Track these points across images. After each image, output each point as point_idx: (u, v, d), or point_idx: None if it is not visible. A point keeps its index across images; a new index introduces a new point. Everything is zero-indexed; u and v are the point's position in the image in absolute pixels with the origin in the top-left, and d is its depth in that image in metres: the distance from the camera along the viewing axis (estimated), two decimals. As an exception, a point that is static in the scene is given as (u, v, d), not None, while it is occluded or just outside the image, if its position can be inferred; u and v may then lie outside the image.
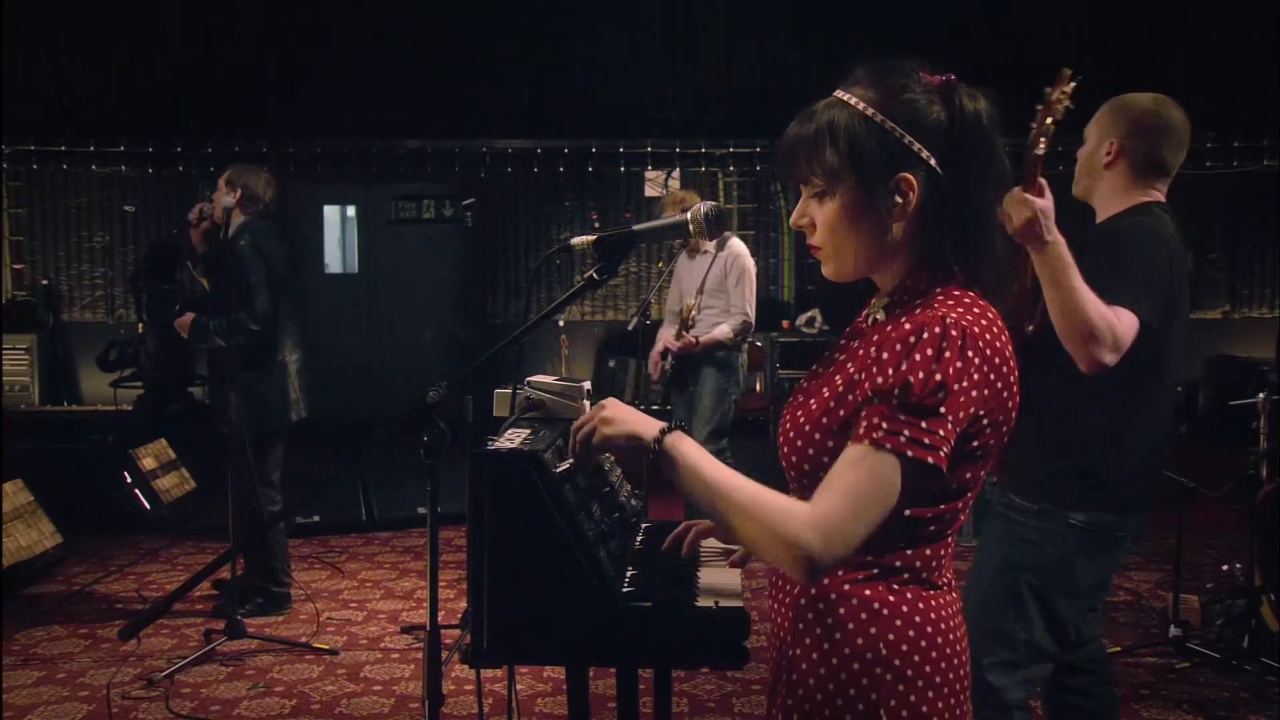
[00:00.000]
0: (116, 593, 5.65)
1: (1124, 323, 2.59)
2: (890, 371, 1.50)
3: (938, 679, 1.58)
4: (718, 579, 2.06)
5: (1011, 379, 1.57)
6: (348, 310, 7.48)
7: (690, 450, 1.61)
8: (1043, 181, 2.52)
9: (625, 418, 1.70)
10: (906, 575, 1.60)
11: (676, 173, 9.69)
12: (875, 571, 1.59)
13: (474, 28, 9.69)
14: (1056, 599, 2.80)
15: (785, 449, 1.66)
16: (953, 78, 1.60)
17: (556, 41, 9.91)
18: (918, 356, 1.49)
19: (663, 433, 1.63)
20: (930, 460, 1.48)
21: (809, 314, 9.21)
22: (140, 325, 8.32)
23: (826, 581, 1.60)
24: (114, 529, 6.65)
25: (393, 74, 9.53)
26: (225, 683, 4.44)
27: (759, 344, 7.44)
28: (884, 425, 1.48)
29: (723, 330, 5.81)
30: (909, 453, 1.47)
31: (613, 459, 2.48)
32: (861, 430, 1.51)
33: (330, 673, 4.55)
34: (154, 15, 9.56)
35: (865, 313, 1.71)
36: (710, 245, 5.86)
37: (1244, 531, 4.61)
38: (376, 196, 7.76)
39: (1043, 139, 2.56)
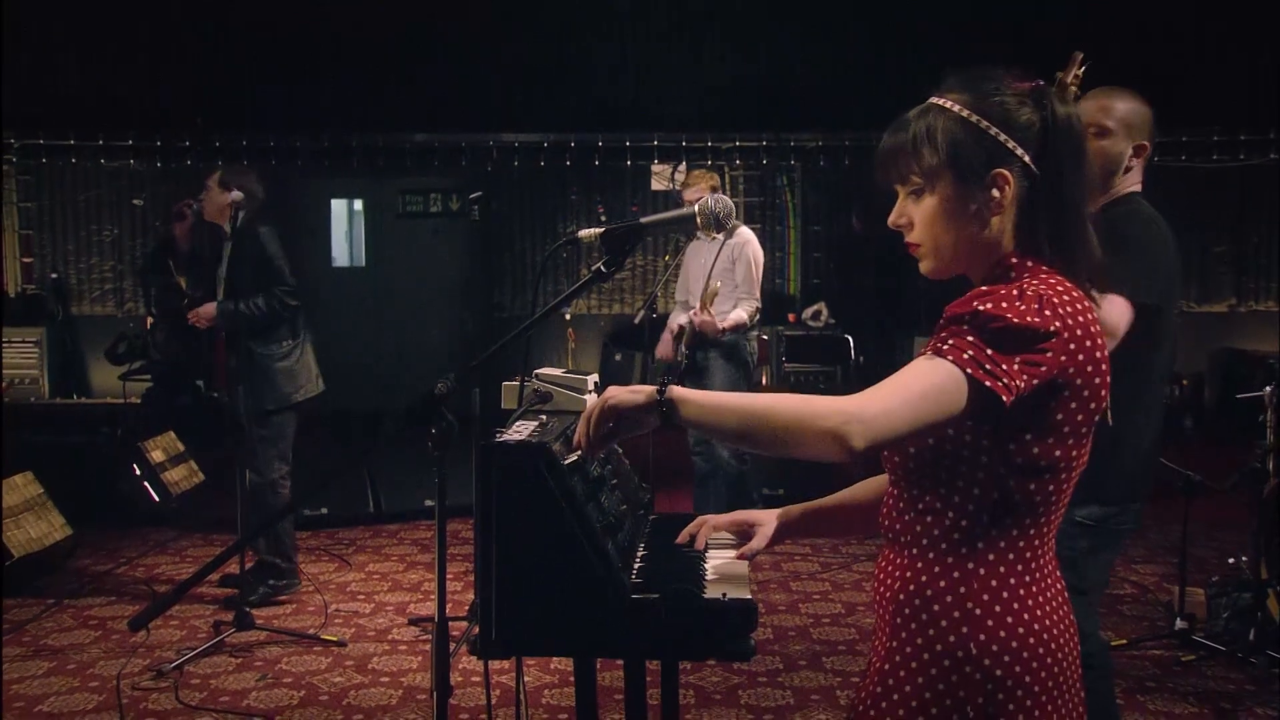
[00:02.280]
0: (126, 584, 5.69)
1: (1115, 308, 2.64)
2: (961, 306, 1.56)
3: (1028, 679, 1.59)
4: (725, 570, 2.08)
5: (1098, 355, 1.58)
6: (355, 303, 7.48)
7: (695, 390, 1.64)
8: None
9: (625, 388, 1.71)
10: (1003, 568, 1.61)
11: (683, 166, 9.69)
12: (970, 566, 1.61)
13: (481, 22, 9.68)
14: None
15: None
16: (1041, 83, 1.67)
17: (563, 35, 9.91)
18: (991, 301, 1.54)
19: (661, 386, 1.65)
20: (989, 384, 1.48)
21: (815, 307, 9.20)
22: (149, 318, 8.35)
23: (924, 579, 1.63)
24: (123, 521, 6.70)
25: (399, 68, 9.53)
26: (234, 674, 4.47)
27: (764, 336, 7.45)
28: (950, 340, 1.53)
29: (739, 314, 5.86)
30: (969, 370, 1.49)
31: (620, 451, 2.49)
32: (928, 347, 1.55)
33: (338, 664, 4.58)
34: (162, 10, 9.57)
35: None
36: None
37: (1250, 525, 4.61)
38: (383, 190, 7.75)
39: None
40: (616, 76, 9.86)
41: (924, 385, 1.50)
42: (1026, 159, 1.62)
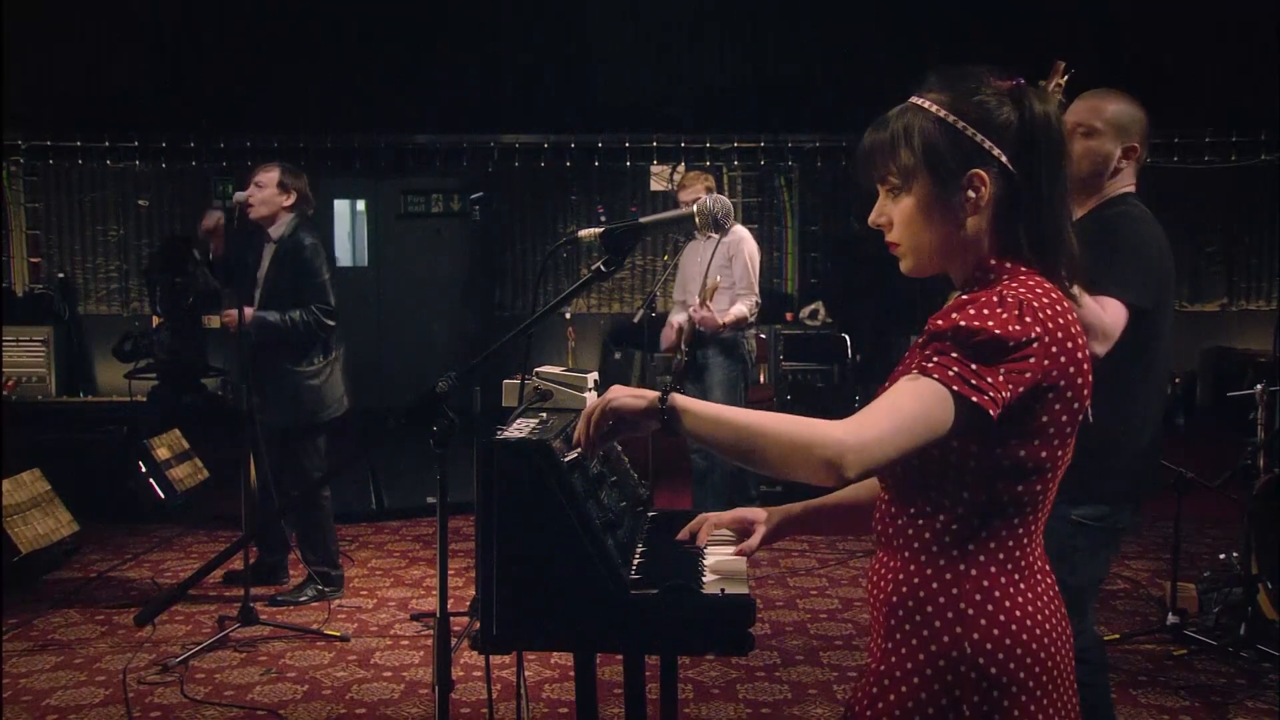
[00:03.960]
0: (132, 580, 5.73)
1: (1110, 312, 2.62)
2: (943, 320, 1.56)
3: (1022, 675, 1.60)
4: (724, 566, 2.09)
5: (1079, 355, 1.59)
6: (357, 303, 7.51)
7: (696, 401, 1.66)
8: None
9: (629, 389, 1.72)
10: (994, 568, 1.62)
11: (681, 167, 9.74)
12: (962, 568, 1.62)
13: (481, 24, 9.73)
14: None
15: None
16: (1022, 81, 1.65)
17: (563, 37, 9.95)
18: (972, 311, 1.55)
19: (664, 394, 1.67)
20: (975, 400, 1.50)
21: (812, 306, 9.26)
22: (154, 317, 8.40)
23: (917, 581, 1.64)
24: (129, 517, 6.72)
25: (401, 70, 9.58)
26: (238, 668, 4.51)
27: (762, 335, 7.50)
28: (934, 359, 1.53)
29: (739, 309, 5.89)
30: (955, 387, 1.50)
31: (620, 448, 2.52)
32: (914, 366, 1.56)
33: (341, 659, 4.62)
34: (166, 12, 9.63)
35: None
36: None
37: (1241, 521, 4.65)
38: (385, 191, 7.81)
39: None
40: (616, 78, 9.91)
41: (913, 408, 1.51)
42: (1004, 159, 1.62)
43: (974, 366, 1.51)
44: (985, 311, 1.54)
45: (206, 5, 9.62)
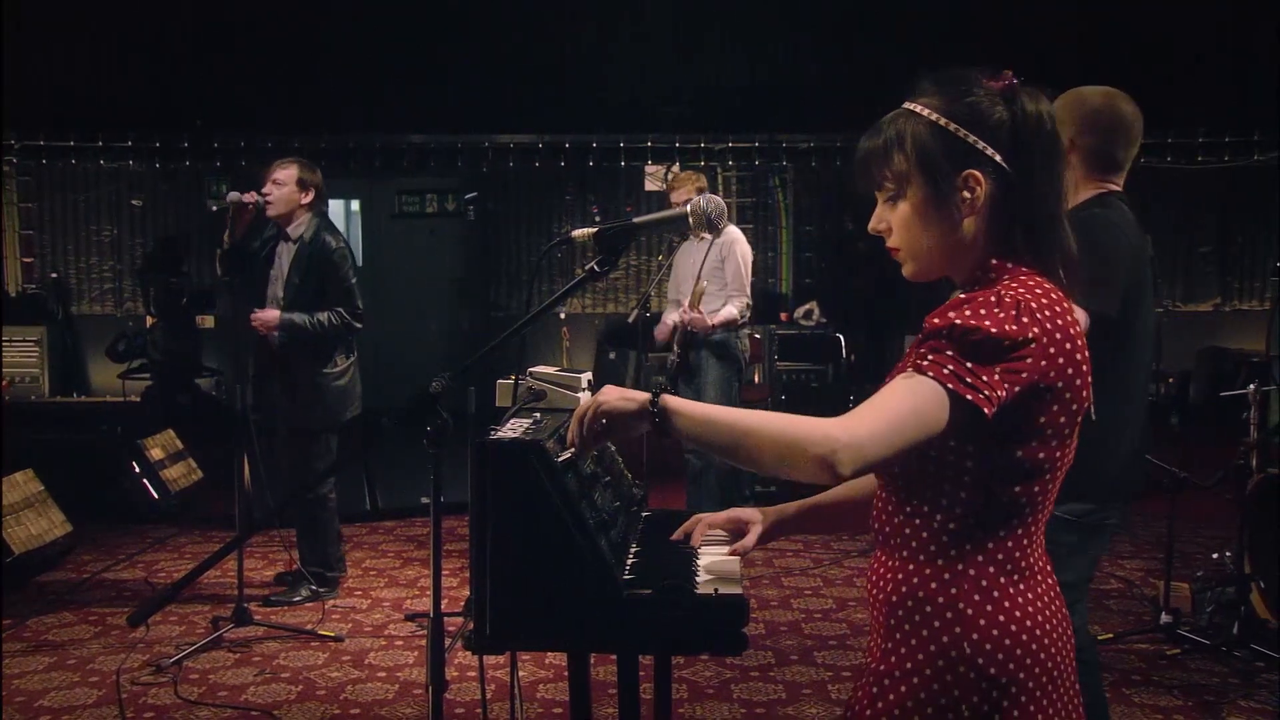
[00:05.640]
0: (125, 581, 5.72)
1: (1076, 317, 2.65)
2: (940, 319, 1.56)
3: (1021, 675, 1.60)
4: (717, 567, 2.08)
5: (1079, 358, 1.60)
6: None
7: (688, 401, 1.66)
8: None
9: (621, 391, 1.72)
10: (992, 569, 1.62)
11: (676, 167, 9.73)
12: (960, 568, 1.62)
13: (476, 23, 9.72)
14: None
15: None
16: (1014, 81, 1.65)
17: (558, 37, 9.95)
18: (968, 310, 1.55)
19: (655, 395, 1.67)
20: (970, 398, 1.49)
21: (806, 306, 9.25)
22: (148, 318, 8.40)
23: (916, 581, 1.64)
24: (123, 518, 6.72)
25: (396, 69, 9.57)
26: (232, 669, 4.51)
27: (757, 335, 7.50)
28: (930, 356, 1.53)
29: (730, 311, 5.94)
30: (949, 385, 1.50)
31: (613, 448, 2.52)
32: (909, 363, 1.56)
33: (335, 659, 4.62)
34: (161, 11, 9.61)
35: None
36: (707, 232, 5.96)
37: (1234, 520, 4.66)
38: (380, 191, 7.80)
39: None
40: (611, 78, 9.91)
41: (907, 406, 1.51)
42: (998, 158, 1.62)
43: (969, 365, 1.51)
44: (982, 311, 1.54)
45: (201, 5, 9.60)
